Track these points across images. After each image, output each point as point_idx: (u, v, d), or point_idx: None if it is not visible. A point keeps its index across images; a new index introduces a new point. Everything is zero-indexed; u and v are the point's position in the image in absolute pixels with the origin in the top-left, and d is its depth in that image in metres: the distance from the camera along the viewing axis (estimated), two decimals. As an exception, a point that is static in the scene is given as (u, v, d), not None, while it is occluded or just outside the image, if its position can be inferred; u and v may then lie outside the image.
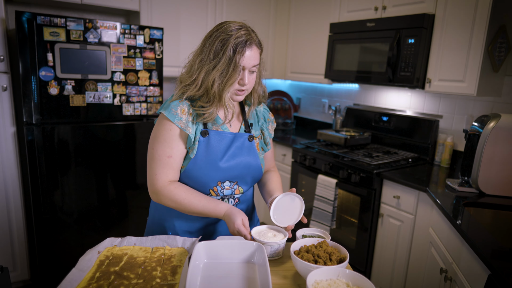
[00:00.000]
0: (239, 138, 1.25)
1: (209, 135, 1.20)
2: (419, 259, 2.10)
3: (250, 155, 1.26)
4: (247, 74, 1.15)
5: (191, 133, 1.16)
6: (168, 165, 1.17)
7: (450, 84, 2.20)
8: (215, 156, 1.20)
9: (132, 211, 2.60)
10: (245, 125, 1.29)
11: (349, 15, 2.79)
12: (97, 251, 1.08)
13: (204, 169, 1.19)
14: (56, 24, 2.11)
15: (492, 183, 1.87)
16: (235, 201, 1.29)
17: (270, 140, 1.38)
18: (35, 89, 2.12)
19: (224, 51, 1.10)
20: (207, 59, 1.12)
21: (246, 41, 1.11)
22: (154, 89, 2.52)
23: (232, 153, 1.23)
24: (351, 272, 0.92)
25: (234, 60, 1.10)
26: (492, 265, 1.19)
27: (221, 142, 1.22)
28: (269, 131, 1.37)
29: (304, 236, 1.19)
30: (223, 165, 1.21)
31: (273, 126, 1.40)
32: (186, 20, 3.01)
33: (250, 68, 1.15)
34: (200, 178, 1.20)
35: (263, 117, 1.36)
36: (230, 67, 1.10)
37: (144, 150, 2.56)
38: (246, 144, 1.26)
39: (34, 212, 2.23)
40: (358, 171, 2.37)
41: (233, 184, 1.25)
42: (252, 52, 1.13)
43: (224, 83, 1.12)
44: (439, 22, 2.22)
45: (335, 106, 3.32)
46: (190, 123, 1.16)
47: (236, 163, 1.23)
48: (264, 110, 1.38)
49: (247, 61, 1.13)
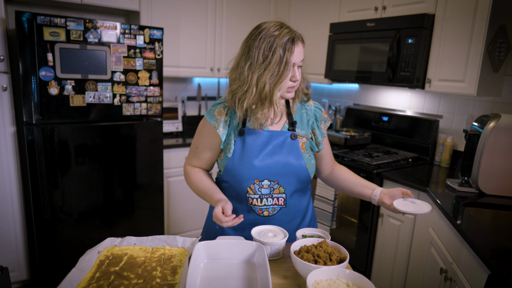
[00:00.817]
0: (279, 136, 1.24)
1: (244, 134, 1.23)
2: (419, 259, 2.10)
3: (290, 154, 1.23)
4: (298, 71, 1.16)
5: (221, 132, 1.23)
6: (194, 154, 1.33)
7: (450, 84, 2.20)
8: (250, 154, 1.21)
9: (133, 211, 2.60)
10: (289, 123, 1.27)
11: (349, 15, 2.79)
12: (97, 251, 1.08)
13: (240, 167, 1.22)
14: (56, 24, 2.11)
15: (492, 183, 1.87)
16: (279, 203, 1.26)
17: (324, 139, 1.34)
18: (35, 89, 2.12)
19: (273, 52, 1.10)
20: (256, 63, 1.12)
21: (293, 39, 1.13)
22: (154, 89, 2.52)
23: (269, 151, 1.22)
24: (351, 272, 0.92)
25: (285, 59, 1.11)
26: (492, 265, 1.19)
27: (257, 140, 1.22)
28: (322, 130, 1.32)
29: (304, 236, 1.19)
30: (258, 164, 1.21)
31: (326, 124, 1.34)
32: (186, 20, 3.01)
33: (298, 63, 1.16)
34: (237, 176, 1.23)
35: (314, 116, 1.32)
36: (281, 66, 1.11)
37: (144, 150, 2.56)
38: (288, 142, 1.24)
39: (34, 212, 2.23)
40: (358, 171, 2.37)
41: (273, 183, 1.23)
42: (299, 47, 1.15)
43: (274, 82, 1.13)
44: (439, 22, 2.22)
45: (335, 106, 3.32)
46: (222, 123, 1.23)
47: (274, 161, 1.22)
48: (316, 109, 1.33)
49: (296, 57, 1.14)
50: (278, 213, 1.26)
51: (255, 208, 1.25)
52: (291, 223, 1.29)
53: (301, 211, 1.33)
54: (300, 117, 1.30)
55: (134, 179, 2.57)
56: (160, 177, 2.68)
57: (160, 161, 2.65)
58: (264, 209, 1.25)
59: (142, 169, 2.58)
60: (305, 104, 1.32)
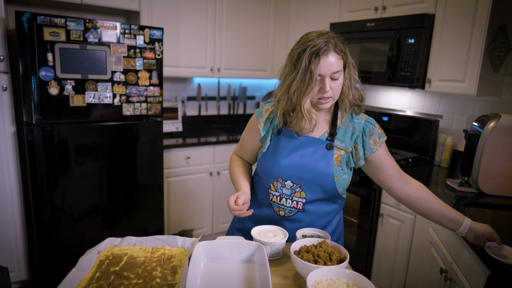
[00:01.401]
0: (315, 143, 1.24)
1: (282, 133, 1.28)
2: (419, 259, 2.10)
3: (320, 162, 1.21)
4: (328, 81, 1.14)
5: (262, 128, 1.30)
6: (240, 145, 1.44)
7: (450, 84, 2.20)
8: (280, 152, 1.25)
9: (133, 211, 2.60)
10: (329, 133, 1.25)
11: (349, 15, 2.79)
12: (97, 251, 1.08)
13: (268, 163, 1.27)
14: (56, 24, 2.11)
15: (492, 183, 1.87)
16: (298, 206, 1.25)
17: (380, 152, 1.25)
18: (35, 89, 2.12)
19: (300, 62, 1.12)
20: (289, 72, 1.17)
21: (321, 49, 1.11)
22: (154, 89, 2.52)
23: (300, 154, 1.23)
24: (351, 272, 0.92)
25: (310, 70, 1.11)
26: (492, 265, 1.19)
27: (291, 142, 1.25)
28: (370, 145, 1.23)
29: (304, 236, 1.19)
30: (284, 163, 1.23)
31: (379, 140, 1.24)
32: (186, 20, 3.01)
33: (330, 75, 1.13)
34: (265, 171, 1.28)
35: (362, 130, 1.25)
36: (306, 77, 1.12)
37: (144, 150, 2.57)
38: (321, 151, 1.22)
39: (34, 212, 2.23)
40: (358, 171, 2.37)
41: (295, 186, 1.23)
42: (329, 59, 1.12)
43: (302, 93, 1.14)
44: (439, 22, 2.22)
45: (335, 106, 3.31)
46: (265, 119, 1.30)
47: (301, 164, 1.22)
48: (366, 123, 1.26)
49: (323, 68, 1.12)
50: (294, 215, 1.26)
51: (274, 205, 1.28)
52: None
53: (322, 223, 1.30)
54: (345, 130, 1.26)
55: (134, 179, 2.57)
56: (160, 177, 2.68)
57: (160, 161, 2.65)
58: (281, 208, 1.27)
59: (142, 169, 2.58)
60: (355, 117, 1.27)
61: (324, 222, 1.31)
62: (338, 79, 1.16)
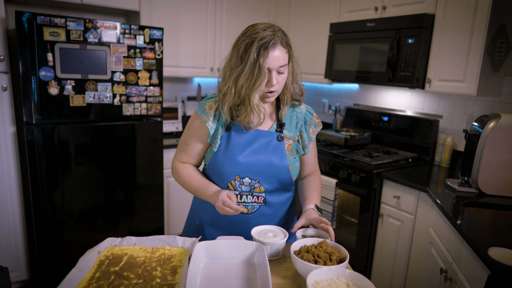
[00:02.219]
0: (266, 136, 1.24)
1: (231, 130, 1.23)
2: (419, 259, 2.10)
3: (274, 154, 1.24)
4: (275, 75, 1.14)
5: (210, 126, 1.23)
6: (183, 150, 1.31)
7: (450, 84, 2.20)
8: (234, 150, 1.22)
9: (133, 211, 2.60)
10: (277, 125, 1.28)
11: (349, 15, 2.79)
12: (97, 251, 1.08)
13: (223, 162, 1.23)
14: (56, 24, 2.11)
15: (492, 183, 1.87)
16: (259, 201, 1.26)
17: (312, 143, 1.34)
18: (35, 89, 2.12)
19: (248, 55, 1.11)
20: (235, 65, 1.14)
21: (269, 42, 1.10)
22: (154, 89, 2.52)
23: (254, 150, 1.23)
24: (351, 272, 0.92)
25: (258, 63, 1.10)
26: (492, 265, 1.19)
27: (242, 137, 1.23)
28: (309, 134, 1.32)
29: (304, 236, 1.19)
30: (241, 160, 1.21)
31: (316, 129, 1.34)
32: (186, 20, 3.01)
33: (277, 69, 1.14)
34: (219, 170, 1.24)
35: (304, 119, 1.32)
36: (255, 71, 1.11)
37: (144, 150, 2.57)
38: (274, 143, 1.24)
39: (34, 212, 2.23)
40: (358, 171, 2.37)
41: (254, 181, 1.24)
42: (277, 52, 1.12)
43: (250, 87, 1.13)
44: (439, 22, 2.22)
45: (335, 106, 3.32)
46: (211, 117, 1.24)
47: (257, 160, 1.22)
48: (307, 112, 1.33)
49: (272, 62, 1.12)
50: (257, 211, 1.27)
51: None
52: (270, 223, 1.29)
53: (282, 212, 1.33)
54: (290, 119, 1.30)
55: (134, 179, 2.57)
56: (160, 177, 2.68)
57: (160, 161, 2.65)
58: (243, 205, 1.25)
59: (142, 169, 2.58)
60: (296, 108, 1.32)
61: (283, 210, 1.34)
62: (283, 73, 1.18)
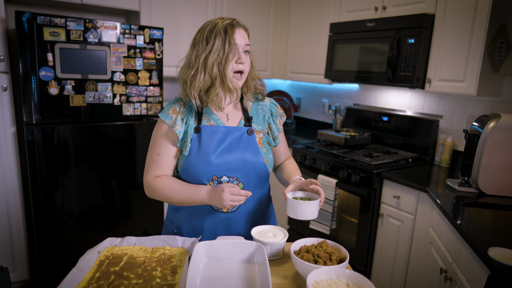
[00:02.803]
0: (235, 132, 1.24)
1: (201, 131, 1.22)
2: (419, 259, 2.10)
3: (247, 149, 1.24)
4: (242, 54, 1.19)
5: (178, 130, 1.21)
6: (156, 163, 1.24)
7: (450, 84, 2.20)
8: (207, 151, 1.20)
9: (132, 211, 2.60)
10: (245, 119, 1.28)
11: (349, 15, 2.79)
12: (97, 251, 1.08)
13: (197, 165, 1.20)
14: (56, 24, 2.11)
15: (492, 183, 1.87)
16: None
17: (280, 134, 1.37)
18: (35, 89, 2.12)
19: (215, 34, 1.15)
20: (201, 47, 1.17)
21: (233, 21, 1.18)
22: (154, 89, 2.52)
23: (226, 147, 1.22)
24: (351, 272, 0.92)
25: (228, 39, 1.15)
26: (492, 265, 1.19)
27: (214, 137, 1.22)
28: (277, 125, 1.34)
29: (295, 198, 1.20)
30: (215, 160, 1.20)
31: (281, 120, 1.37)
32: (186, 20, 3.01)
33: (243, 47, 1.19)
34: (195, 174, 1.21)
35: (270, 111, 1.34)
36: (225, 45, 1.15)
37: (144, 150, 2.57)
38: (245, 138, 1.25)
39: (34, 212, 2.23)
40: (358, 171, 2.37)
41: (232, 179, 1.23)
42: (241, 31, 1.19)
43: (223, 62, 1.15)
44: (439, 22, 2.22)
45: (335, 106, 3.32)
46: (178, 121, 1.21)
47: (232, 157, 1.22)
48: (271, 104, 1.36)
49: (239, 39, 1.18)
50: (237, 209, 1.26)
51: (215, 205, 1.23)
52: (252, 219, 1.29)
53: (261, 207, 1.33)
54: (256, 113, 1.32)
55: (134, 179, 2.57)
56: (160, 177, 2.67)
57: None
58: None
59: (142, 169, 2.58)
60: (260, 102, 1.35)
61: (263, 206, 1.34)
62: (248, 54, 1.22)
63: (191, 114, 1.24)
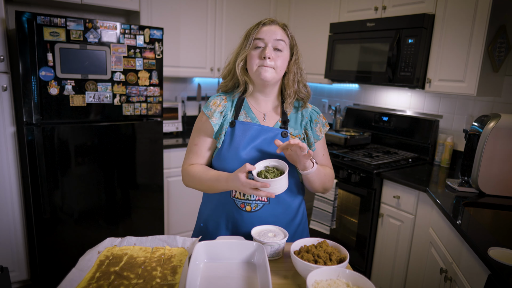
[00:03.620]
0: (269, 132, 1.23)
1: (235, 125, 1.23)
2: (419, 259, 2.10)
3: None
4: (270, 49, 1.19)
5: (215, 122, 1.23)
6: (193, 152, 1.29)
7: (450, 84, 2.20)
8: (238, 145, 1.21)
9: (132, 211, 2.60)
10: (282, 121, 1.27)
11: (349, 15, 2.79)
12: (97, 251, 1.08)
13: (226, 158, 1.21)
14: (56, 24, 2.11)
15: (492, 183, 1.87)
16: (262, 199, 1.22)
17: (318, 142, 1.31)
18: (35, 89, 2.12)
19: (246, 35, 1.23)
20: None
21: (264, 20, 1.21)
22: (154, 89, 2.52)
23: (257, 145, 1.21)
24: (351, 272, 0.92)
25: (248, 34, 1.20)
26: (492, 265, 1.19)
27: (246, 133, 1.22)
28: (316, 133, 1.30)
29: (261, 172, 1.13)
30: (244, 156, 1.20)
31: (323, 129, 1.32)
32: (186, 20, 3.01)
33: (272, 42, 1.19)
34: (223, 167, 1.22)
35: (310, 117, 1.31)
36: (244, 41, 1.21)
37: (144, 150, 2.56)
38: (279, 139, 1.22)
39: (34, 212, 2.23)
40: (358, 171, 2.37)
41: None
42: (271, 27, 1.21)
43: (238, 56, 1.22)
44: (439, 22, 2.22)
45: (335, 106, 3.32)
46: (216, 113, 1.24)
47: (261, 156, 1.20)
48: (312, 111, 1.32)
49: (264, 34, 1.19)
50: (261, 209, 1.23)
51: (237, 201, 1.23)
52: (276, 222, 1.25)
53: (288, 212, 1.29)
54: (295, 118, 1.30)
55: (134, 179, 2.57)
56: (160, 177, 2.68)
57: (160, 161, 2.65)
58: (246, 203, 1.22)
59: (142, 169, 2.58)
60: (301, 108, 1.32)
61: (290, 212, 1.30)
62: (282, 51, 1.22)
63: (231, 108, 1.26)
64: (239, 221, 1.25)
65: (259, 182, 1.07)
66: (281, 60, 1.21)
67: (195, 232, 1.40)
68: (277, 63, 1.20)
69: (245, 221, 1.24)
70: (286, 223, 1.29)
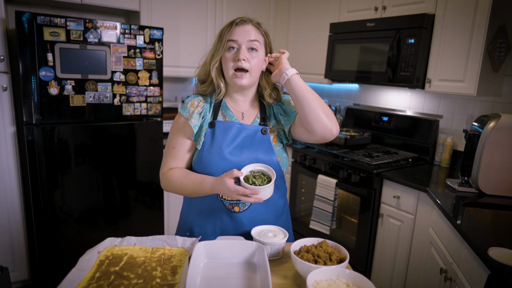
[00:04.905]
0: (249, 129, 1.23)
1: (215, 126, 1.21)
2: (419, 259, 2.10)
3: (260, 147, 1.22)
4: (244, 51, 1.17)
5: (194, 123, 1.20)
6: (171, 155, 1.25)
7: (450, 84, 2.20)
8: (220, 145, 1.19)
9: (132, 211, 2.60)
10: (261, 118, 1.27)
11: (349, 15, 2.79)
12: (97, 251, 1.08)
13: (209, 159, 1.19)
14: (56, 24, 2.11)
15: (492, 183, 1.87)
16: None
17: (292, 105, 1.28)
18: (35, 89, 2.12)
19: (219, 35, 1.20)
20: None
21: (237, 19, 1.18)
22: (154, 89, 2.52)
23: (239, 144, 1.21)
24: (351, 272, 0.92)
25: (221, 36, 1.18)
26: (492, 265, 1.19)
27: (227, 132, 1.21)
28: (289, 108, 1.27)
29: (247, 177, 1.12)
30: (229, 156, 1.19)
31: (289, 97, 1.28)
32: (186, 20, 3.01)
33: (246, 43, 1.17)
34: (206, 168, 1.19)
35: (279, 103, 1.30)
36: (218, 43, 1.19)
37: (144, 150, 2.56)
38: (258, 136, 1.23)
39: (34, 212, 2.23)
40: (358, 171, 2.37)
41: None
42: (244, 27, 1.18)
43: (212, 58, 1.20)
44: (439, 22, 2.22)
45: (335, 106, 3.32)
46: (195, 115, 1.21)
47: (244, 156, 1.20)
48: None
49: (237, 35, 1.17)
50: (248, 209, 1.23)
51: (226, 203, 1.22)
52: (264, 221, 1.25)
53: (274, 208, 1.29)
54: (269, 111, 1.31)
55: (134, 179, 2.57)
56: (160, 177, 2.67)
57: (160, 161, 2.63)
58: (234, 204, 1.22)
59: (142, 169, 2.58)
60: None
61: (276, 208, 1.30)
62: (257, 51, 1.20)
63: (209, 109, 1.25)
64: (228, 223, 1.23)
65: (248, 190, 1.07)
66: (257, 60, 1.20)
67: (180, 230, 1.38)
68: (252, 64, 1.18)
69: (234, 222, 1.23)
70: (274, 220, 1.29)
